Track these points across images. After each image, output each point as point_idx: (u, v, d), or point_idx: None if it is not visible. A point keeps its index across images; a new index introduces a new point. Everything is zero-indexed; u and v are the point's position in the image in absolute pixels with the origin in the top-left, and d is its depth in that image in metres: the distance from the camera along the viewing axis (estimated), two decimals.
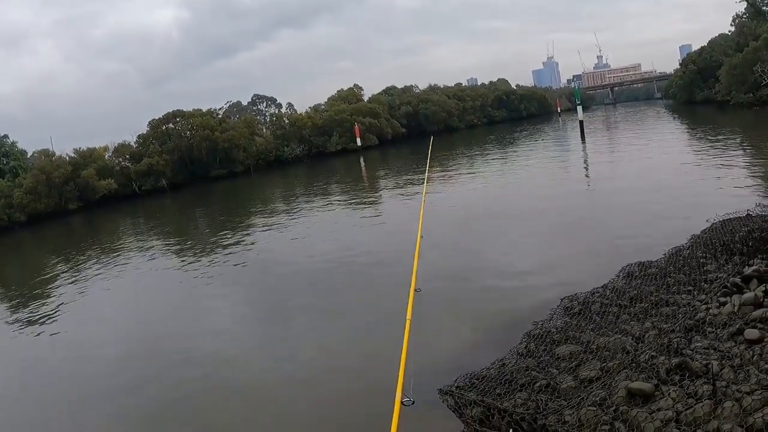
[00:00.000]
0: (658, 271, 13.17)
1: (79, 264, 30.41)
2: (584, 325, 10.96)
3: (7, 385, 14.66)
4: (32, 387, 14.21)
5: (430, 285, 15.97)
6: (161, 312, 19.03)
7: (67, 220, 65.32)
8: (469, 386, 9.30)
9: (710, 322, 9.53)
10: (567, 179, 33.38)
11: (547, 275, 15.52)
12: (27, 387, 14.28)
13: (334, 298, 16.98)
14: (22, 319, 20.83)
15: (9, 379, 15.07)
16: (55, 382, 14.23)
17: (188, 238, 34.76)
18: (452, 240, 21.33)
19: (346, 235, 25.77)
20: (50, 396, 13.44)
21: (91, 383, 13.54)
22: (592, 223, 20.95)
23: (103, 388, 13.06)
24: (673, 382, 7.85)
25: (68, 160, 77.72)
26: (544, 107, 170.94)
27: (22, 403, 13.33)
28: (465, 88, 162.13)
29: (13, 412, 12.95)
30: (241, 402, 11.33)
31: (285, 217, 34.67)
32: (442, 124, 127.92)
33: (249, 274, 22.12)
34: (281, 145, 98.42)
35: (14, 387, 14.45)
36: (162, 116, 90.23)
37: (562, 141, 66.02)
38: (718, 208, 17.11)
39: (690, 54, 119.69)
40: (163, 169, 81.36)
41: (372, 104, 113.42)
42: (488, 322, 12.79)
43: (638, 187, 26.10)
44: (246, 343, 14.67)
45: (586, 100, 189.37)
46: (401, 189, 38.94)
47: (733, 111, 68.40)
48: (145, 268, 26.22)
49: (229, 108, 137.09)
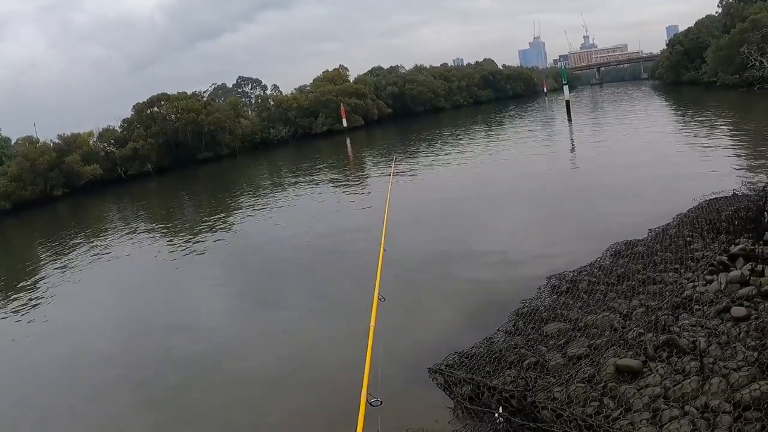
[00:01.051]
0: (645, 249, 13.26)
1: (65, 251, 30.16)
2: (572, 303, 11.04)
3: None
4: (20, 375, 14.14)
5: (418, 265, 16.05)
6: (150, 297, 18.98)
7: (52, 207, 64.73)
8: (459, 365, 9.36)
9: (697, 300, 9.60)
10: (553, 160, 33.42)
11: (534, 254, 15.56)
12: (14, 372, 14.24)
13: (316, 284, 16.87)
14: (10, 307, 20.61)
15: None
16: (43, 370, 14.09)
17: (173, 222, 34.56)
18: (439, 222, 21.35)
19: (329, 219, 25.57)
20: (39, 383, 13.36)
21: (79, 369, 13.51)
22: (578, 202, 21.00)
23: (91, 373, 13.06)
24: (660, 358, 7.91)
25: (52, 147, 76.68)
26: (530, 87, 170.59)
27: (10, 392, 13.25)
28: (451, 69, 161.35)
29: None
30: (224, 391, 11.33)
31: (269, 200, 34.46)
32: (429, 105, 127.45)
33: (228, 259, 22.05)
34: (267, 127, 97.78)
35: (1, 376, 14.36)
36: (146, 100, 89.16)
37: (549, 121, 65.98)
38: (704, 188, 17.23)
39: (677, 35, 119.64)
40: (148, 153, 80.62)
41: (358, 85, 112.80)
42: (476, 301, 12.82)
43: (624, 166, 26.17)
44: (224, 334, 14.48)
45: (573, 80, 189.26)
46: (387, 171, 38.86)
47: (719, 92, 68.58)
48: (130, 253, 26.02)
49: (214, 91, 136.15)
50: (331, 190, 34.28)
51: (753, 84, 61.98)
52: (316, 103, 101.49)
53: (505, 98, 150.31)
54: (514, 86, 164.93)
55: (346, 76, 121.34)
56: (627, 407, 7.07)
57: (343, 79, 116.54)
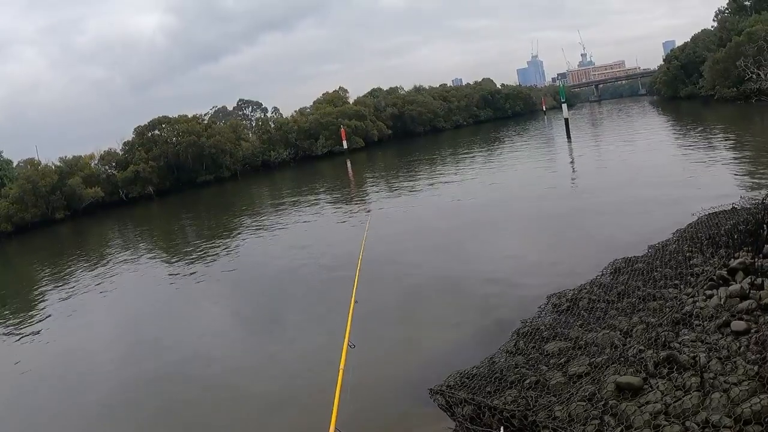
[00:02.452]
0: (644, 266, 13.26)
1: (67, 273, 30.19)
2: (572, 321, 11.03)
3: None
4: (22, 396, 14.08)
5: (419, 285, 16.04)
6: (151, 320, 18.92)
7: (54, 229, 64.86)
8: (460, 385, 9.34)
9: (697, 315, 9.58)
10: (553, 178, 33.46)
11: (534, 272, 15.56)
12: (17, 396, 14.16)
13: (323, 302, 16.77)
14: (12, 328, 20.64)
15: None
16: (44, 391, 14.08)
17: (176, 244, 34.62)
18: (438, 241, 21.31)
19: (335, 240, 25.54)
20: (40, 404, 13.29)
21: (80, 391, 13.44)
22: (579, 219, 21.02)
23: (91, 395, 13.01)
24: (661, 375, 7.88)
25: (54, 169, 77.10)
26: (529, 106, 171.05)
27: (11, 413, 13.20)
28: (450, 89, 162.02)
29: (3, 421, 12.82)
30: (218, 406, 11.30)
31: (271, 223, 34.44)
32: (428, 125, 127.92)
33: (237, 280, 21.96)
34: (268, 149, 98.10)
35: (3, 396, 14.31)
36: (147, 122, 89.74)
37: (548, 140, 66.15)
38: (703, 202, 17.25)
39: (673, 50, 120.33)
40: (149, 175, 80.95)
41: (358, 106, 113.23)
42: (477, 321, 12.81)
43: (624, 183, 26.23)
44: (235, 351, 14.54)
45: (571, 97, 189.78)
46: (388, 192, 38.90)
47: (717, 106, 68.83)
48: (131, 277, 26.03)
49: (215, 113, 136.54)
50: (332, 213, 34.26)
51: (750, 97, 62.28)
52: (317, 125, 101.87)
53: (505, 117, 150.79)
54: (513, 105, 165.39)
55: (345, 97, 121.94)
56: (628, 425, 7.04)
57: (342, 101, 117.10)
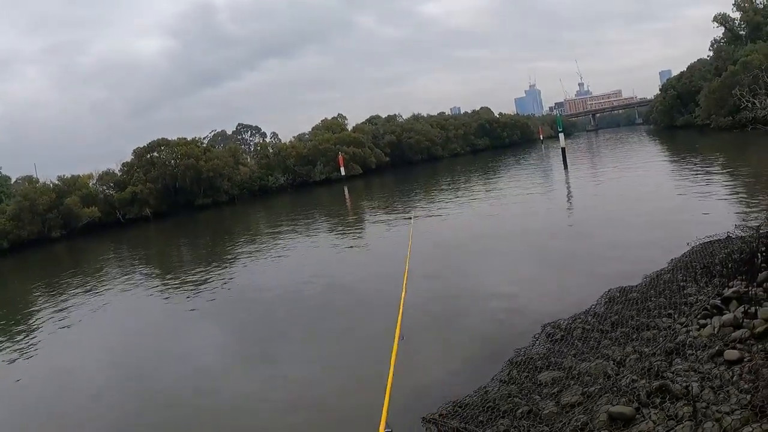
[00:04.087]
0: (639, 295, 13.23)
1: (61, 293, 30.06)
2: (566, 350, 10.98)
3: None
4: (11, 416, 13.98)
5: (414, 316, 15.97)
6: (142, 343, 18.78)
7: (50, 248, 64.85)
8: (452, 414, 9.28)
9: (690, 345, 9.56)
10: (549, 207, 33.49)
11: (528, 302, 15.52)
12: (5, 416, 14.05)
13: (315, 330, 16.72)
14: (1, 347, 20.53)
15: None
16: (33, 412, 13.95)
17: (171, 268, 34.55)
18: (434, 270, 21.20)
19: (329, 269, 25.34)
20: (27, 426, 13.21)
21: (69, 414, 13.31)
22: (574, 249, 21.00)
23: (81, 418, 12.87)
24: (654, 404, 7.85)
25: (52, 187, 77.36)
26: (526, 135, 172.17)
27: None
28: (448, 117, 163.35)
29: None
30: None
31: (268, 249, 34.38)
32: (426, 153, 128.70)
33: (229, 307, 21.70)
34: (266, 174, 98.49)
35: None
36: (146, 144, 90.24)
37: (545, 169, 66.38)
38: (698, 232, 17.25)
39: (670, 79, 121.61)
40: (147, 197, 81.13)
41: (356, 133, 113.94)
42: (471, 350, 12.75)
43: (619, 213, 26.26)
44: (224, 377, 14.40)
45: (569, 127, 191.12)
46: (385, 220, 38.88)
47: (713, 134, 69.24)
48: (126, 300, 25.85)
49: (214, 137, 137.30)
50: (329, 240, 34.19)
51: (746, 125, 62.68)
52: (315, 151, 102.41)
53: (502, 146, 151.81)
54: (511, 134, 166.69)
55: (344, 124, 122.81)
56: None
57: (341, 128, 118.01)
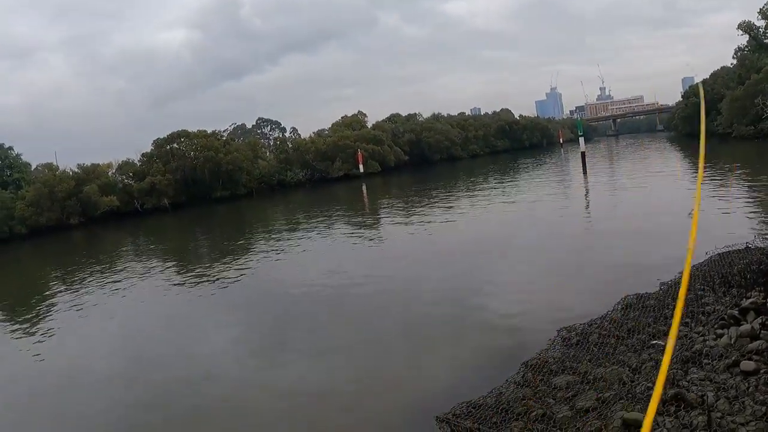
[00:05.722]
0: (656, 302, 13.18)
1: (78, 280, 30.39)
2: (582, 355, 10.97)
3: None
4: (23, 403, 14.13)
5: (429, 316, 16.04)
6: (157, 333, 18.98)
7: (68, 235, 65.42)
8: (466, 414, 9.31)
9: (707, 354, 9.55)
10: (568, 212, 33.36)
11: (545, 306, 15.53)
12: (17, 403, 14.21)
13: (332, 326, 16.85)
14: (17, 334, 20.77)
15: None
16: (44, 400, 14.11)
17: (188, 259, 34.81)
18: (450, 272, 21.29)
19: (347, 264, 25.46)
20: (39, 412, 13.37)
21: (81, 403, 13.44)
22: (591, 254, 20.99)
23: (92, 407, 13.00)
24: (668, 413, 7.86)
25: (72, 175, 78.06)
26: (546, 138, 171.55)
27: (8, 421, 13.22)
28: (468, 118, 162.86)
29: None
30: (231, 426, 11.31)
31: (285, 243, 34.57)
32: (445, 153, 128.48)
33: (246, 299, 21.96)
34: (284, 169, 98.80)
35: (3, 403, 14.33)
36: (166, 136, 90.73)
37: (564, 173, 66.10)
38: (716, 241, 17.13)
39: (692, 86, 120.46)
40: (165, 188, 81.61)
41: (375, 131, 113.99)
42: (486, 351, 12.80)
43: (638, 219, 26.15)
44: (239, 369, 14.54)
45: (589, 131, 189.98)
46: (402, 220, 38.90)
47: (734, 143, 68.61)
48: (143, 288, 26.14)
49: (234, 130, 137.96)
50: (345, 237, 34.19)
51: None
52: (334, 147, 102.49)
53: (522, 148, 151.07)
54: (531, 137, 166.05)
55: (364, 121, 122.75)
56: None
57: (361, 125, 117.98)
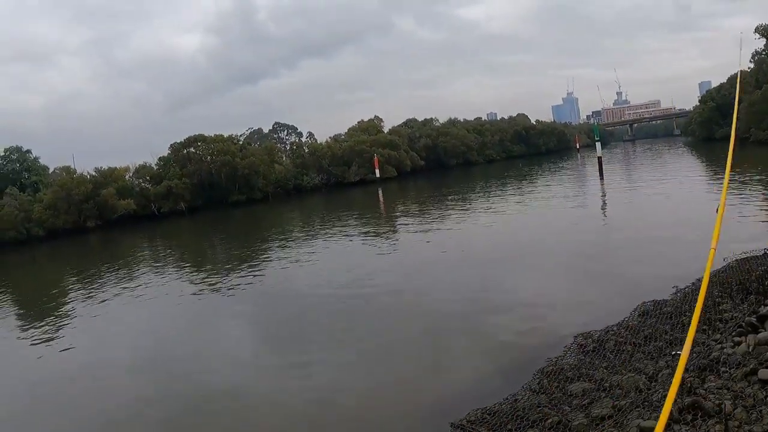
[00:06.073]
0: (673, 309, 13.12)
1: (95, 282, 30.66)
2: (598, 362, 10.93)
3: (15, 402, 14.65)
4: (42, 404, 14.25)
5: (445, 322, 16.03)
6: (174, 336, 19.11)
7: (84, 238, 66.01)
8: (481, 421, 9.31)
9: (724, 362, 9.47)
10: (584, 218, 33.25)
11: (561, 312, 15.47)
12: (37, 404, 14.32)
13: (347, 332, 16.75)
14: (35, 335, 20.93)
15: (17, 397, 15.05)
16: (63, 401, 14.26)
17: (204, 262, 34.97)
18: (468, 276, 21.29)
19: (363, 268, 25.47)
20: (59, 414, 13.48)
21: (99, 404, 13.51)
22: (608, 260, 20.89)
23: (110, 409, 13.08)
24: (685, 421, 7.81)
25: (89, 178, 78.82)
26: (563, 143, 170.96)
27: (27, 421, 13.36)
28: (484, 123, 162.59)
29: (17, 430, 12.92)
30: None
31: (303, 247, 34.70)
32: (461, 158, 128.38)
33: (263, 303, 22.03)
34: (300, 173, 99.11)
35: (22, 404, 14.45)
36: (183, 140, 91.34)
37: (581, 178, 65.86)
38: (734, 247, 17.04)
39: (709, 91, 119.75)
40: (182, 192, 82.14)
41: (392, 136, 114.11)
42: (502, 358, 12.78)
43: (655, 225, 26.02)
44: (256, 373, 14.64)
45: (605, 136, 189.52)
46: (418, 226, 38.87)
47: (751, 148, 67.94)
48: (160, 291, 26.28)
49: (250, 134, 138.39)
50: (361, 242, 34.18)
51: None
52: (350, 152, 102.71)
53: (538, 153, 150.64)
54: (547, 142, 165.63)
55: (380, 126, 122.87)
56: None
57: (377, 130, 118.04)
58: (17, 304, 29.36)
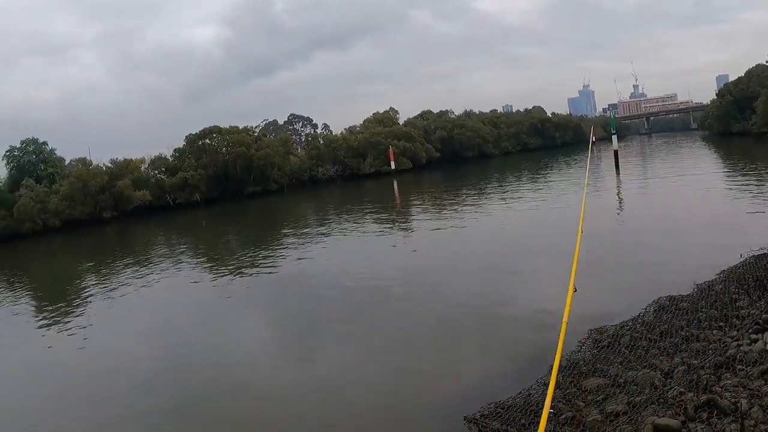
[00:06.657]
0: (689, 305, 13.01)
1: (111, 273, 30.90)
2: (613, 358, 10.87)
3: (31, 392, 14.74)
4: (57, 395, 14.42)
5: (459, 316, 16.00)
6: (189, 325, 19.24)
7: (101, 229, 66.46)
8: (494, 415, 9.30)
9: (741, 360, 9.39)
10: (600, 211, 32.90)
11: (576, 307, 15.27)
12: (53, 394, 14.49)
13: (361, 325, 16.83)
14: (51, 325, 21.15)
15: (33, 387, 15.16)
16: (79, 390, 14.37)
17: (220, 253, 35.15)
18: (483, 270, 21.24)
19: (376, 261, 25.57)
20: (73, 404, 13.62)
21: (114, 395, 13.59)
22: (624, 255, 20.75)
23: (126, 401, 13.17)
24: (700, 419, 7.76)
25: (105, 170, 79.41)
26: (579, 136, 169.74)
27: (45, 411, 13.48)
28: (500, 115, 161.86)
29: (35, 420, 13.00)
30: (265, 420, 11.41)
31: (316, 239, 34.74)
32: (477, 150, 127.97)
33: (277, 295, 22.09)
34: (315, 165, 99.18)
35: (38, 394, 14.56)
36: (199, 131, 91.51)
37: (596, 172, 65.40)
38: (752, 243, 16.89)
39: (726, 84, 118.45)
40: (197, 183, 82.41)
41: (407, 128, 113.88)
42: (515, 352, 12.74)
43: (671, 220, 25.81)
44: (269, 365, 14.70)
45: (622, 129, 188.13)
46: (433, 219, 38.78)
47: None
48: (174, 282, 26.50)
49: (266, 126, 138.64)
50: (375, 235, 34.17)
51: None
52: (365, 144, 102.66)
53: (554, 146, 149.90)
54: (563, 135, 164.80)
55: (396, 118, 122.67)
56: None
57: (392, 122, 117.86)
58: (34, 295, 29.56)
